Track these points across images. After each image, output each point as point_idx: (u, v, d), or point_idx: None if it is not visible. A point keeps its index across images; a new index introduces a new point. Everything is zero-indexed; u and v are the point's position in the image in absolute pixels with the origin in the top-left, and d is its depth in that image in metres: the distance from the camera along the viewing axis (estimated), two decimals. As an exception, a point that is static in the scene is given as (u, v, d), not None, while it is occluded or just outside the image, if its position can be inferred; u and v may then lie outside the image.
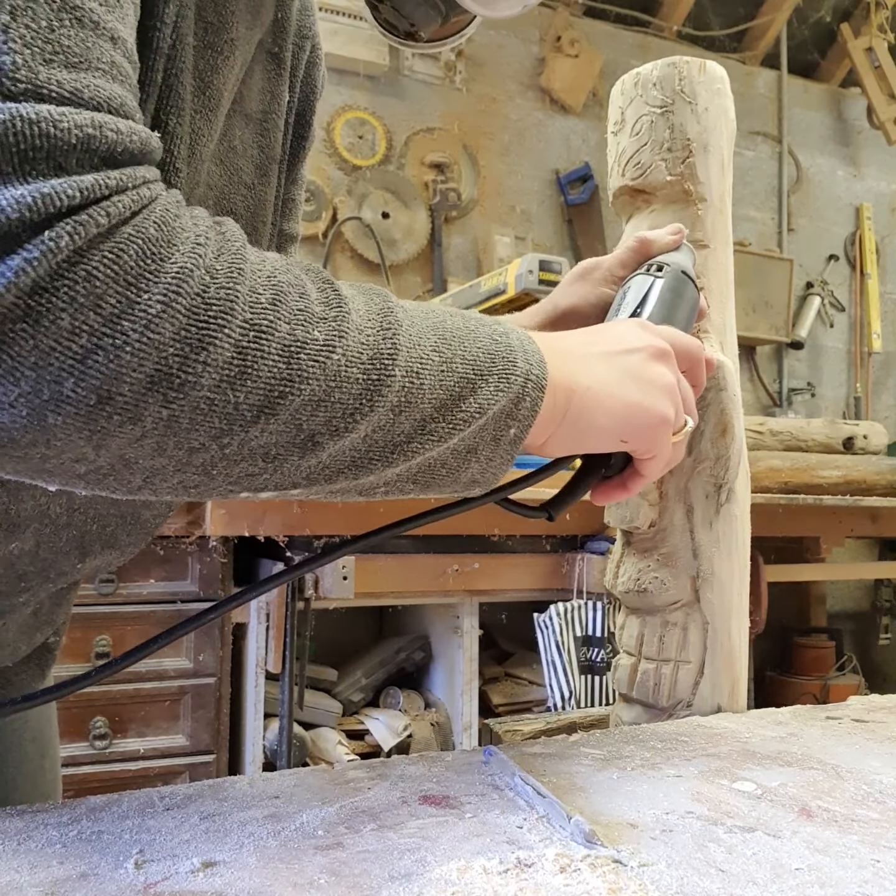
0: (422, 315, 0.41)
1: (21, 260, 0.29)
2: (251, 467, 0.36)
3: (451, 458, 0.41)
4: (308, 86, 0.61)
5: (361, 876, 0.37)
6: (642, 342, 0.48)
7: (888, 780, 0.50)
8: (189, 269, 0.33)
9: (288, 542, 1.59)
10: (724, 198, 0.72)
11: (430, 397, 0.39)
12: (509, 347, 0.42)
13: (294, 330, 0.35)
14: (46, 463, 0.33)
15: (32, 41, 0.31)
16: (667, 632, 0.68)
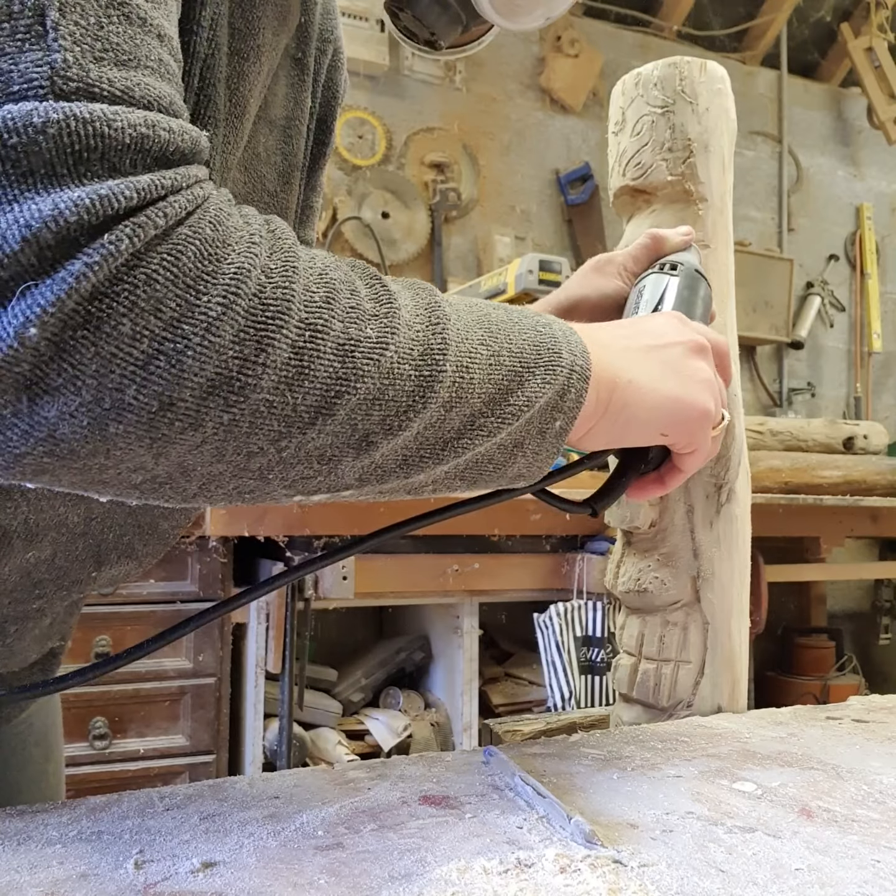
0: (466, 309, 0.41)
1: (81, 265, 0.28)
2: (307, 470, 0.36)
3: (498, 453, 0.41)
4: (330, 90, 0.61)
5: (361, 876, 0.37)
6: (682, 336, 0.48)
7: (888, 780, 0.50)
8: (246, 269, 0.32)
9: (288, 543, 1.59)
10: (724, 198, 0.72)
11: (480, 392, 0.39)
12: (553, 339, 0.42)
13: (348, 328, 0.35)
14: (104, 473, 0.32)
15: (82, 38, 0.30)
16: (667, 632, 0.68)
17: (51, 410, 0.30)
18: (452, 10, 0.53)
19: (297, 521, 1.57)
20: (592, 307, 0.60)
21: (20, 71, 0.29)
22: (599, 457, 0.50)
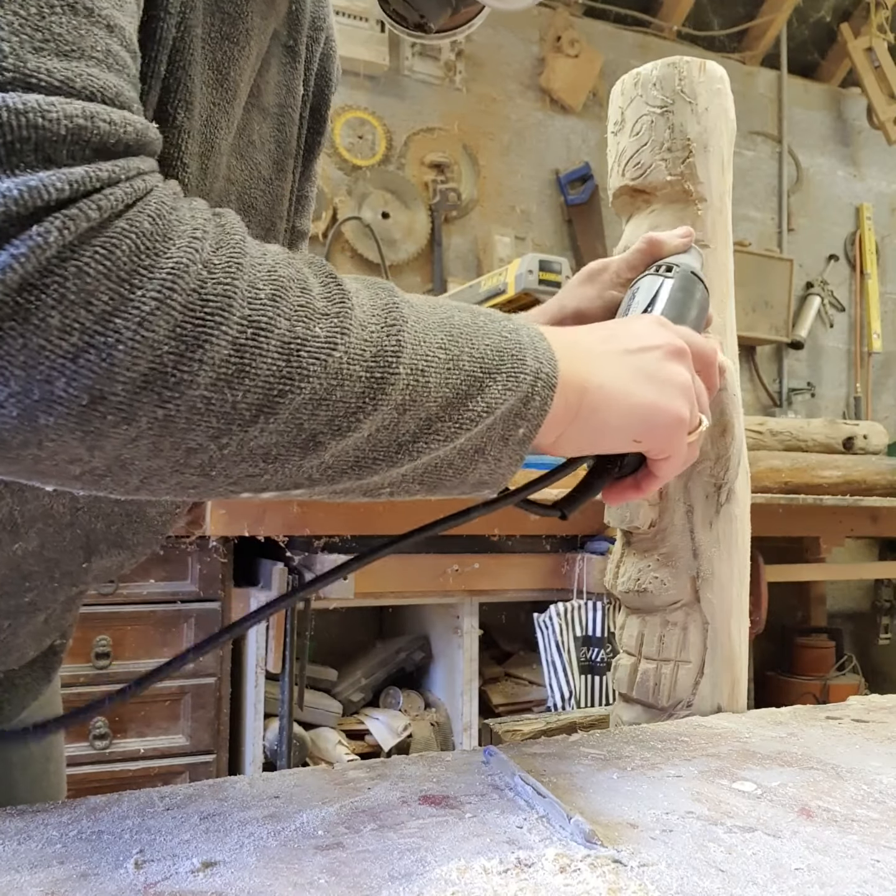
0: (429, 311, 0.40)
1: (8, 256, 0.28)
2: (251, 468, 0.35)
3: (457, 459, 0.41)
4: (322, 79, 0.60)
5: (361, 876, 0.37)
6: (660, 340, 0.48)
7: (888, 779, 0.50)
8: (185, 263, 0.32)
9: (288, 543, 1.59)
10: (724, 198, 0.72)
11: (436, 396, 0.38)
12: (519, 345, 0.41)
13: (294, 326, 0.34)
14: (39, 464, 0.32)
15: (21, 28, 0.30)
16: (667, 632, 0.68)
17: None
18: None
19: (298, 521, 1.57)
20: (586, 317, 0.59)
21: None
22: (578, 463, 0.49)
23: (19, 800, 0.60)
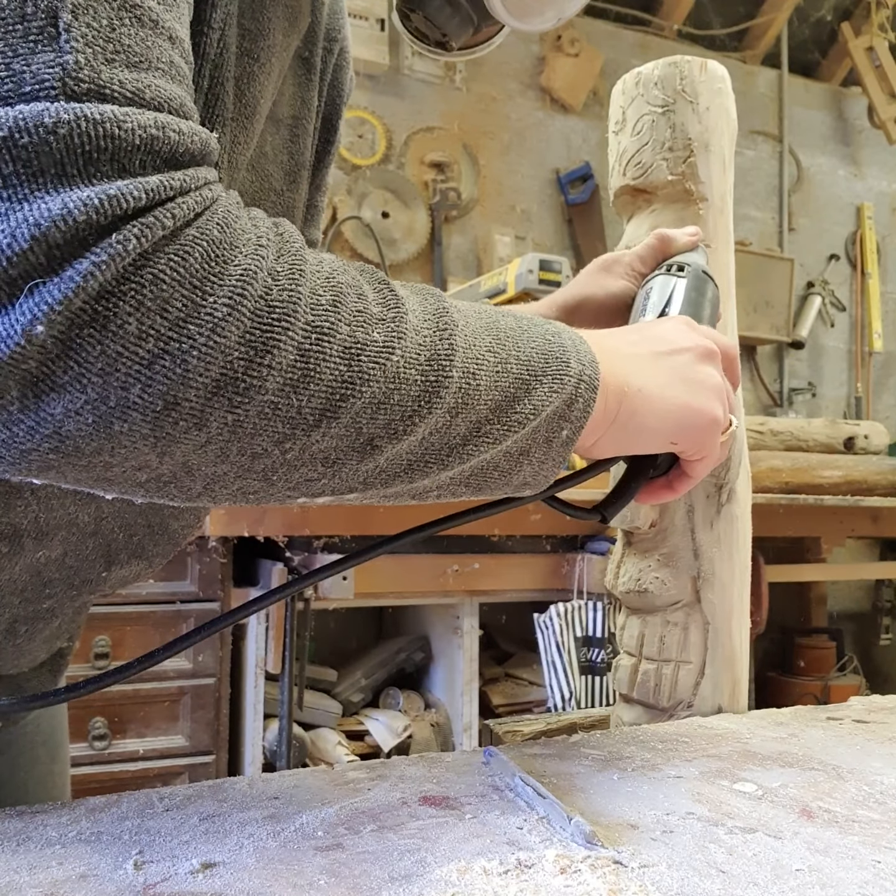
0: (475, 315, 0.41)
1: (89, 264, 0.29)
2: (311, 472, 0.36)
3: (503, 461, 0.41)
4: (335, 89, 0.61)
5: (361, 877, 0.37)
6: (691, 342, 0.48)
7: (889, 780, 0.49)
8: (253, 271, 0.32)
9: (287, 543, 1.59)
10: (725, 197, 0.72)
11: (486, 398, 0.39)
12: (562, 347, 0.42)
13: (354, 332, 0.35)
14: (109, 471, 0.32)
15: (94, 40, 0.30)
16: (667, 632, 0.68)
17: (56, 407, 0.30)
18: (464, 10, 0.53)
19: (297, 521, 1.57)
20: (598, 306, 0.60)
21: (32, 72, 0.29)
22: (610, 463, 0.50)
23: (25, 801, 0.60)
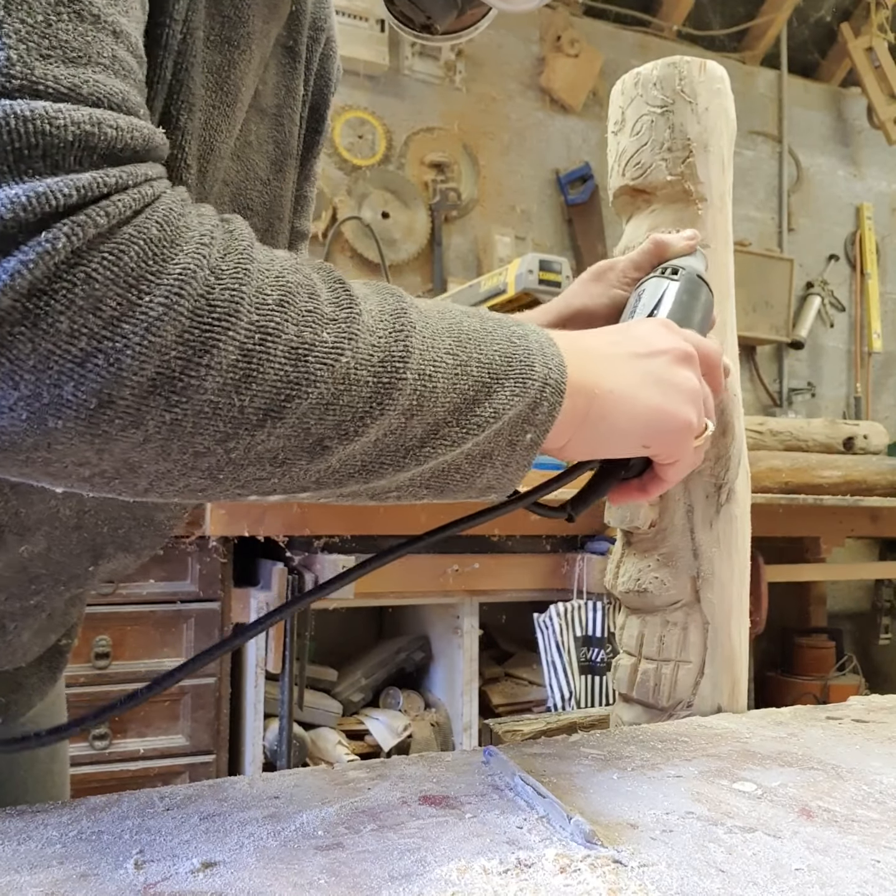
0: (437, 316, 0.40)
1: (17, 262, 0.29)
2: (259, 472, 0.36)
3: (465, 464, 0.41)
4: (322, 79, 0.60)
5: (361, 876, 0.37)
6: (667, 344, 0.48)
7: (888, 780, 0.50)
8: (192, 269, 0.32)
9: (288, 543, 1.59)
10: (724, 197, 0.72)
11: (444, 401, 0.38)
12: (527, 350, 0.42)
13: (302, 332, 0.34)
14: (49, 466, 0.33)
15: (28, 36, 0.30)
16: (667, 632, 0.68)
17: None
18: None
19: (297, 521, 1.57)
20: (592, 315, 0.59)
21: None
22: (587, 466, 0.50)
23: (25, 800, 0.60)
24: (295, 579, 1.54)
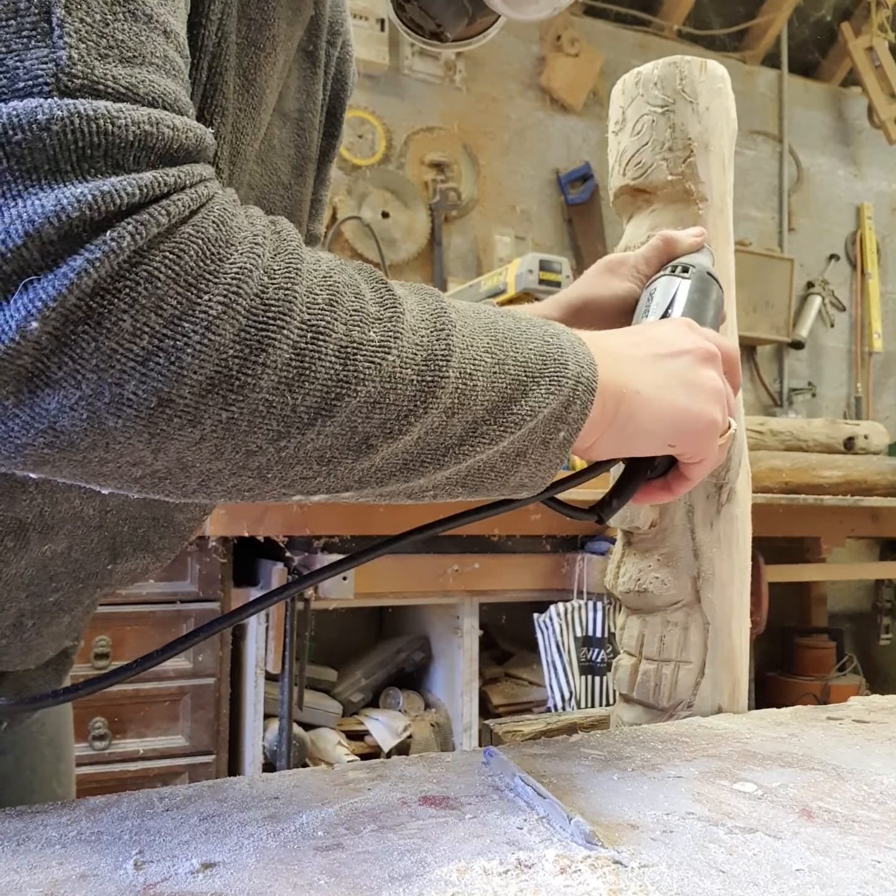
0: (473, 315, 0.41)
1: (83, 261, 0.29)
2: (306, 470, 0.36)
3: (500, 462, 0.41)
4: (339, 83, 0.61)
5: (361, 877, 0.37)
6: (691, 344, 0.48)
7: (889, 780, 0.49)
8: (248, 269, 0.32)
9: (287, 543, 1.59)
10: (724, 197, 0.72)
11: (483, 399, 0.39)
12: (560, 349, 0.42)
13: (350, 331, 0.35)
14: (104, 466, 0.33)
15: (87, 35, 0.30)
16: (667, 632, 0.68)
17: (51, 402, 0.30)
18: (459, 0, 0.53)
19: (297, 521, 1.57)
20: (603, 307, 0.59)
21: (26, 68, 0.29)
22: (608, 465, 0.50)
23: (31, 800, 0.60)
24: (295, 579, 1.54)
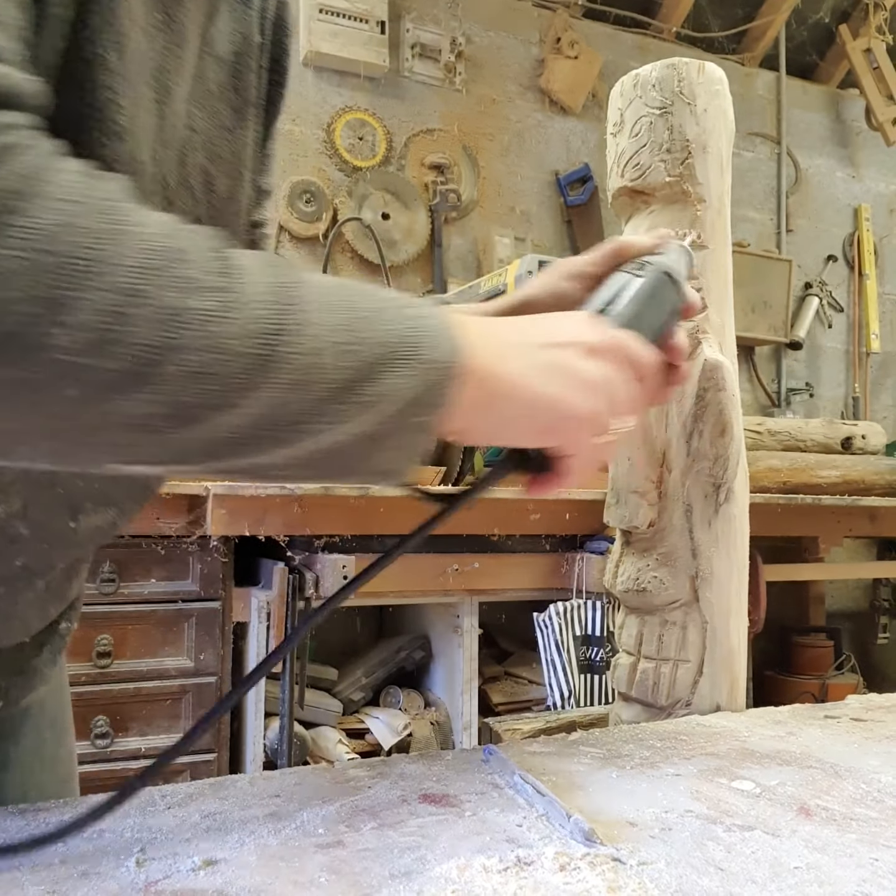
0: (331, 293, 0.40)
1: None
2: (121, 437, 0.35)
3: (354, 444, 0.40)
4: (280, 28, 0.60)
5: (362, 874, 0.37)
6: (581, 337, 0.47)
7: (886, 778, 0.50)
8: (53, 224, 0.31)
9: (288, 542, 1.59)
10: (722, 198, 0.72)
11: (330, 378, 0.38)
12: (425, 334, 0.41)
13: (169, 297, 0.34)
14: None
15: None
16: (666, 631, 0.69)
17: None
18: None
19: (298, 520, 1.57)
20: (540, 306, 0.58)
21: None
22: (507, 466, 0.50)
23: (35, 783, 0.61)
24: (295, 578, 1.55)
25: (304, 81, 2.45)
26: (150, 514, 1.53)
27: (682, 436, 0.69)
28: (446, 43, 2.63)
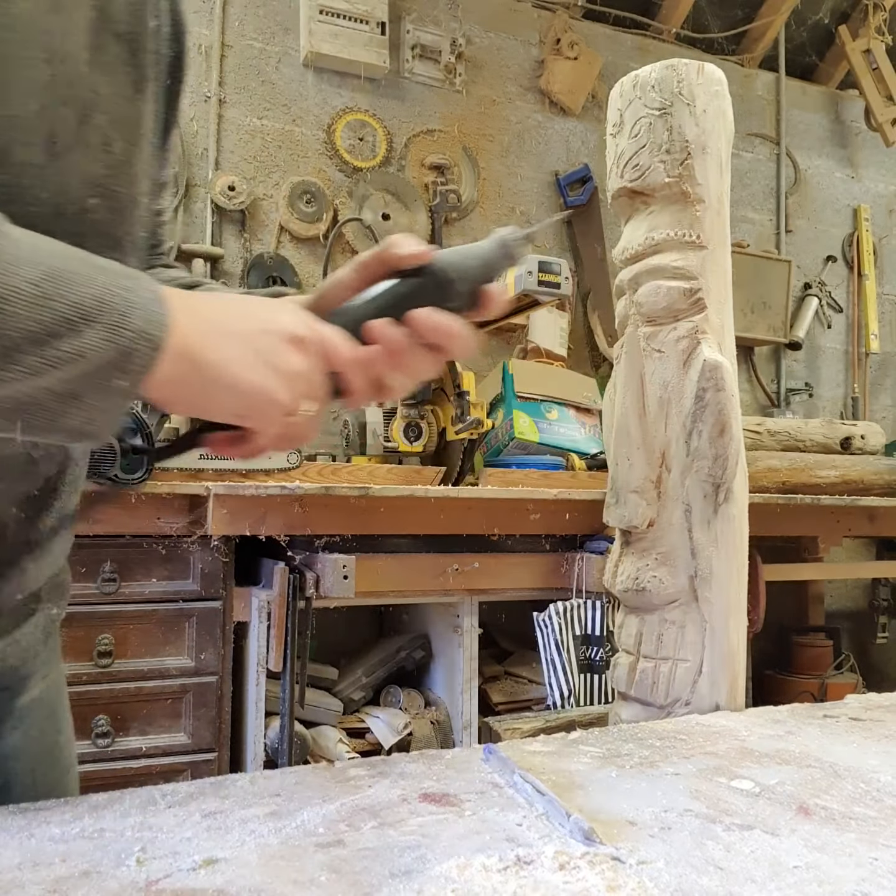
0: (41, 250, 0.42)
1: None
2: None
3: (49, 399, 0.43)
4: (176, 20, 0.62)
5: (362, 873, 0.37)
6: (284, 326, 0.51)
7: (885, 778, 0.50)
8: None
9: (289, 542, 1.60)
10: (722, 199, 0.72)
11: (20, 327, 0.40)
12: (128, 302, 0.44)
13: None
14: None
15: None
16: (665, 630, 0.69)
17: None
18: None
19: (299, 520, 1.57)
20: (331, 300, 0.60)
21: None
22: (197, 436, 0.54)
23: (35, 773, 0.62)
24: (296, 578, 1.55)
25: (305, 82, 2.45)
26: (151, 513, 1.53)
27: (682, 436, 0.69)
28: (446, 44, 2.63)
